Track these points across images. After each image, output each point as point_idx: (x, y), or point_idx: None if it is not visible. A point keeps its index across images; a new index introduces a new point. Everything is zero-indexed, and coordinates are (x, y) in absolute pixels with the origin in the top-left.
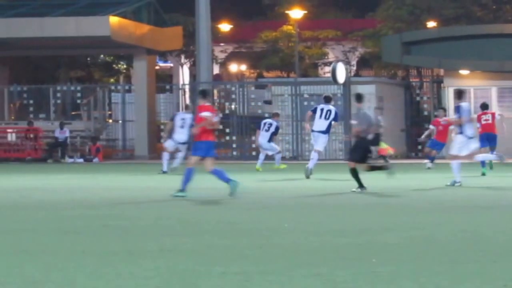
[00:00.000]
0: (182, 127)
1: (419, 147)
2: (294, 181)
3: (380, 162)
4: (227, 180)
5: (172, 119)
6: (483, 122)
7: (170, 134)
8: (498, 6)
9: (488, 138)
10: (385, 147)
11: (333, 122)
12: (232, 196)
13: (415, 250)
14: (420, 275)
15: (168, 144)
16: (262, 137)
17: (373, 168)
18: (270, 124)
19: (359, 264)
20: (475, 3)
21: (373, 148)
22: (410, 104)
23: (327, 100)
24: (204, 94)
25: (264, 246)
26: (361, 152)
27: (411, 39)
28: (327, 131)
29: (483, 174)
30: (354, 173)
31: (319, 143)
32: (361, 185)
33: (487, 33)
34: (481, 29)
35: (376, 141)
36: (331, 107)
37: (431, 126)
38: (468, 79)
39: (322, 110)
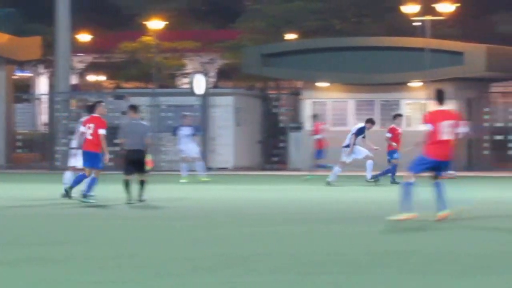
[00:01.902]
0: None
1: (275, 158)
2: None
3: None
4: (87, 191)
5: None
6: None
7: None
8: (358, 19)
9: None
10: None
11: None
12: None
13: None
14: None
15: None
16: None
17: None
18: None
19: None
20: (335, 15)
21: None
22: (267, 116)
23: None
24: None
25: None
26: (132, 165)
27: (270, 51)
28: None
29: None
30: (127, 185)
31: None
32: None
33: (346, 45)
34: (341, 42)
35: (142, 152)
36: None
37: (388, 134)
38: (326, 92)
39: None
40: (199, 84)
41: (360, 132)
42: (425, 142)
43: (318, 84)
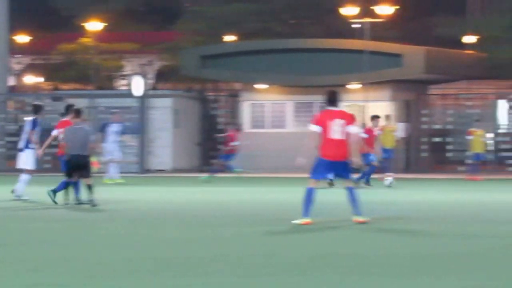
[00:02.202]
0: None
1: (213, 161)
2: None
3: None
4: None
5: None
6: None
7: None
8: (297, 21)
9: None
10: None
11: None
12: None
13: None
14: None
15: None
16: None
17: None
18: None
19: None
20: (274, 18)
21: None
22: (205, 118)
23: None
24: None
25: None
26: (76, 170)
27: (209, 53)
28: None
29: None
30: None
31: None
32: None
33: (285, 47)
34: (279, 44)
35: (85, 157)
36: None
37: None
38: (264, 94)
39: None
40: (138, 85)
41: None
42: (318, 144)
43: (257, 86)
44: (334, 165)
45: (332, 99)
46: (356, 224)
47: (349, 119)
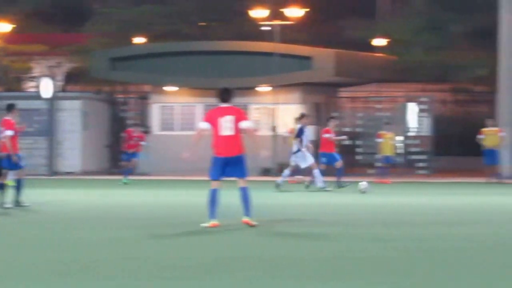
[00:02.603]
0: None
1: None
2: None
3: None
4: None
5: None
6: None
7: None
8: (207, 24)
9: None
10: None
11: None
12: None
13: None
14: None
15: None
16: None
17: None
18: None
19: None
20: (183, 20)
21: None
22: (114, 120)
23: None
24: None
25: None
26: None
27: (118, 55)
28: None
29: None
30: None
31: None
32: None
33: (194, 50)
34: (189, 46)
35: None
36: None
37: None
38: (174, 96)
39: None
40: (46, 87)
41: (301, 133)
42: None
43: (166, 88)
44: (228, 162)
45: (224, 96)
46: (261, 226)
47: (240, 115)
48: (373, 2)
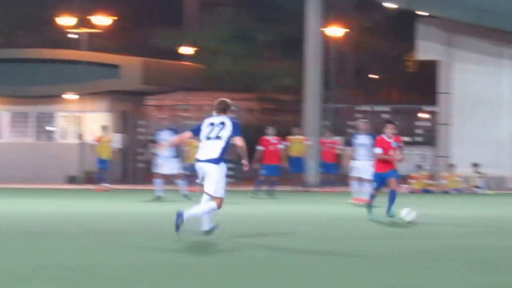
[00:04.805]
0: None
1: None
2: None
3: None
4: None
5: None
6: None
7: None
8: (11, 31)
9: None
10: None
11: None
12: None
13: None
14: None
15: None
16: None
17: None
18: None
19: None
20: None
21: None
22: None
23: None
24: None
25: None
26: None
27: None
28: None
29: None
30: None
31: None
32: None
33: (0, 57)
34: None
35: None
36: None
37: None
38: None
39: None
40: None
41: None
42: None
43: None
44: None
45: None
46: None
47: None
48: (181, 11)
